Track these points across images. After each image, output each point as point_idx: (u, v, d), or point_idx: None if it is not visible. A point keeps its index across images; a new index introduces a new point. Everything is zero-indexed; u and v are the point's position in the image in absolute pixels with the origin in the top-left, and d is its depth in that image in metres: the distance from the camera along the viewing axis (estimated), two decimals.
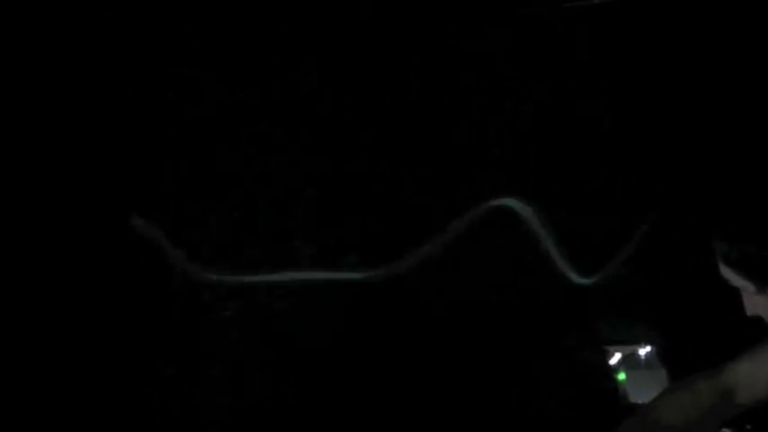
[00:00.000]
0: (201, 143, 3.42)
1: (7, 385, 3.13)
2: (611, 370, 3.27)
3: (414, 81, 3.48)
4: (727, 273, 1.95)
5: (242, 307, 3.35)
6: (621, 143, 3.45)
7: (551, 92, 3.48)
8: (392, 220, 3.42)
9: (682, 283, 3.33)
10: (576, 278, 3.35)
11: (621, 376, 3.25)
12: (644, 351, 3.29)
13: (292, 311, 3.33)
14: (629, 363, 3.27)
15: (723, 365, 2.01)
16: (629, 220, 3.37)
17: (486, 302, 3.32)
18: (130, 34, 3.35)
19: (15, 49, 3.28)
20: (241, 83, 3.43)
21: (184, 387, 3.24)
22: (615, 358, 3.29)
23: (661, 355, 3.26)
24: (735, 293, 2.00)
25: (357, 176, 3.45)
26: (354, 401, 3.22)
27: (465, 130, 3.49)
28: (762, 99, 3.28)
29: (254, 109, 3.44)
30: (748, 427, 2.58)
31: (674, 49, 3.44)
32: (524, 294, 3.34)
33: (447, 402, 3.23)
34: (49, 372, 3.18)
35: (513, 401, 3.28)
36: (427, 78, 3.48)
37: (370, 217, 3.41)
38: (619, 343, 3.33)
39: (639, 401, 3.13)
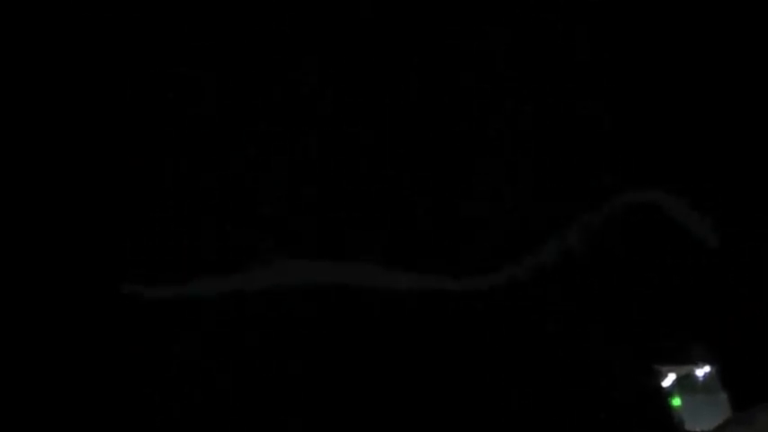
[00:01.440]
0: (201, 143, 3.42)
1: (7, 385, 3.12)
2: (664, 393, 3.00)
3: (414, 81, 3.48)
4: None
5: (241, 308, 3.34)
6: (622, 143, 3.45)
7: (551, 92, 3.48)
8: (393, 219, 3.42)
9: (745, 297, 3.12)
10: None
11: (676, 401, 2.96)
12: (702, 372, 2.97)
13: (294, 314, 3.33)
14: (685, 385, 2.96)
15: None
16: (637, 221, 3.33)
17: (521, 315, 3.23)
18: (130, 34, 3.35)
19: (15, 49, 3.28)
20: (241, 83, 3.43)
21: (184, 387, 3.24)
22: (669, 380, 3.01)
23: (721, 376, 2.97)
24: None
25: (357, 176, 3.45)
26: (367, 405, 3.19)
27: (465, 130, 3.49)
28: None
29: (254, 109, 3.44)
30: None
31: (675, 49, 3.44)
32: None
33: (485, 423, 3.12)
34: (48, 372, 3.18)
35: (553, 427, 3.08)
36: (427, 78, 3.48)
37: (371, 217, 3.41)
38: (673, 362, 3.03)
39: (697, 430, 2.86)
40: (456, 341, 3.27)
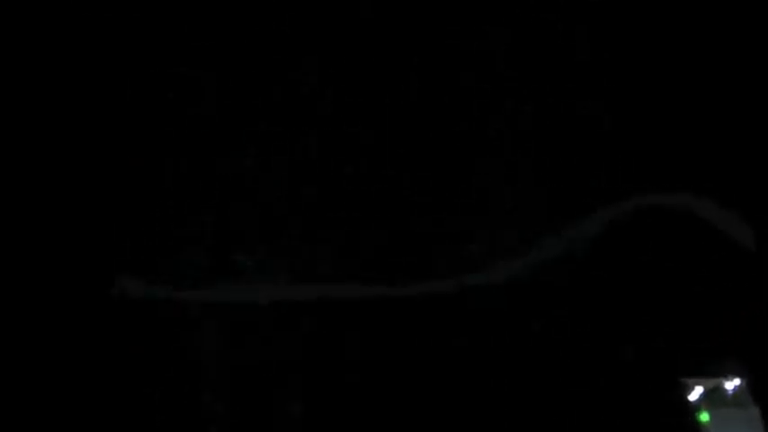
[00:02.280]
0: (201, 143, 3.43)
1: (8, 386, 3.13)
2: (690, 408, 2.81)
3: (414, 81, 3.48)
4: None
5: (242, 308, 3.34)
6: (622, 143, 3.44)
7: (551, 92, 3.48)
8: (393, 219, 3.42)
9: None
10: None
11: (704, 416, 2.76)
12: (731, 385, 2.78)
13: (299, 319, 3.33)
14: (714, 399, 2.76)
15: None
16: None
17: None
18: (130, 34, 3.36)
19: (15, 49, 3.29)
20: (241, 83, 3.44)
21: (184, 387, 3.24)
22: (696, 393, 2.82)
23: (753, 390, 2.78)
24: None
25: (357, 176, 3.45)
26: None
27: (465, 130, 3.49)
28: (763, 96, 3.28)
29: (254, 109, 3.44)
30: None
31: (675, 49, 3.44)
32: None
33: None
34: (48, 373, 3.19)
35: None
36: (427, 78, 3.48)
37: (371, 216, 3.41)
38: (701, 375, 2.84)
39: None
40: (455, 342, 3.27)
